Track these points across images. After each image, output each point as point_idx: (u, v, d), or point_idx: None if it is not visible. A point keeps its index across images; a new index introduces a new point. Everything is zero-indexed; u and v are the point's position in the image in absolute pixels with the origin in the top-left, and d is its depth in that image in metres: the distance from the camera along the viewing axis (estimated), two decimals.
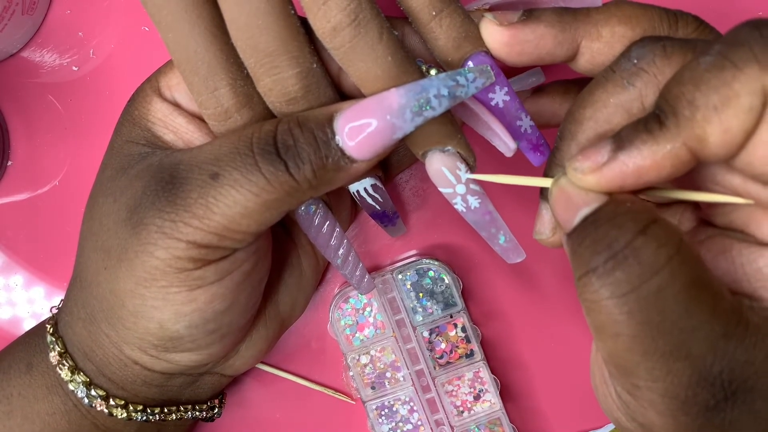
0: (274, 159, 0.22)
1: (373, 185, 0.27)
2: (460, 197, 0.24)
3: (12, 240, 0.37)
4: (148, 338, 0.25)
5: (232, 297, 0.26)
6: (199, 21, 0.23)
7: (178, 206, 0.23)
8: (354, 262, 0.28)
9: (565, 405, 0.36)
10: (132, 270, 0.24)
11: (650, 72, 0.20)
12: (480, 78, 0.22)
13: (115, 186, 0.25)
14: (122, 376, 0.27)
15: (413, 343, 0.35)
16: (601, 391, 0.22)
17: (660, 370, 0.18)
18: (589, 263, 0.19)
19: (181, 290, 0.24)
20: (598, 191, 0.20)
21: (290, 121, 0.23)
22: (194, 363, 0.27)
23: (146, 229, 0.23)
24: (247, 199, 0.22)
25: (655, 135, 0.19)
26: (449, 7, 0.23)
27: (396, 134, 0.22)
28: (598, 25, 0.23)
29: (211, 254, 0.24)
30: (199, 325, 0.25)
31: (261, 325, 0.30)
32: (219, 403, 0.32)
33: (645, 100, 0.21)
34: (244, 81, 0.24)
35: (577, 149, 0.22)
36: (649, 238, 0.18)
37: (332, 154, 0.22)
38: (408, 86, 0.22)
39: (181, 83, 0.26)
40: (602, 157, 0.19)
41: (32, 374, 0.28)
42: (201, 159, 0.23)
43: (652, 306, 0.18)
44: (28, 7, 0.34)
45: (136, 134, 0.26)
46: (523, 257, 0.26)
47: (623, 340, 0.19)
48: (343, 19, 0.21)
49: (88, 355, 0.27)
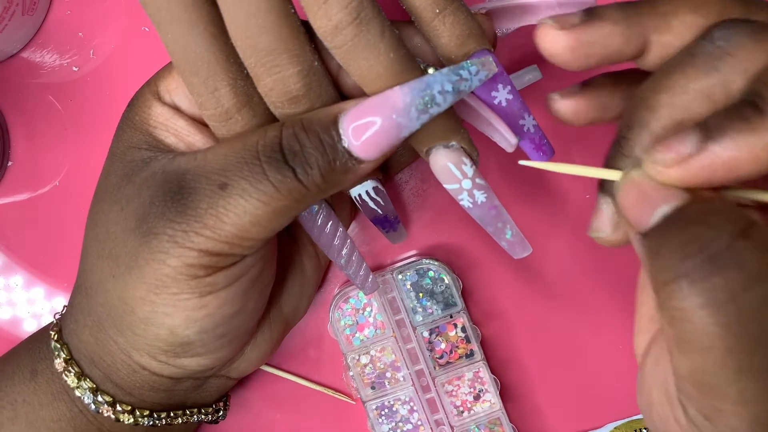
0: (282, 166, 0.22)
1: (375, 188, 0.27)
2: (466, 192, 0.24)
3: (12, 240, 0.37)
4: (158, 344, 0.25)
5: (241, 301, 0.26)
6: (198, 21, 0.22)
7: (188, 216, 0.23)
8: (358, 261, 0.28)
9: (565, 405, 0.36)
10: (142, 278, 0.24)
11: (738, 56, 0.19)
12: (483, 70, 0.22)
13: (121, 194, 0.25)
14: (130, 381, 0.27)
15: (413, 343, 0.35)
16: (659, 412, 0.21)
17: (754, 391, 0.17)
18: (678, 268, 0.17)
19: (192, 297, 0.24)
20: (680, 186, 0.18)
21: (295, 125, 0.23)
22: (203, 367, 0.27)
23: (157, 239, 0.23)
24: (257, 208, 0.22)
25: (753, 123, 0.17)
26: (452, 5, 0.23)
27: (402, 133, 0.22)
28: (667, 16, 0.21)
29: (221, 261, 0.24)
30: (210, 330, 0.25)
31: (266, 327, 0.30)
32: (224, 406, 0.32)
33: (730, 86, 0.19)
34: (244, 81, 0.23)
35: (650, 139, 0.20)
36: (753, 242, 0.17)
37: (339, 157, 0.22)
38: (412, 84, 0.21)
39: (180, 87, 0.26)
40: (688, 148, 0.18)
41: (37, 381, 0.28)
42: (208, 169, 0.23)
43: (755, 318, 0.16)
44: (29, 8, 0.34)
45: (138, 139, 0.26)
46: (529, 251, 0.25)
47: (715, 354, 0.17)
48: (344, 17, 0.21)
49: (95, 362, 0.27)
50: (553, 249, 0.36)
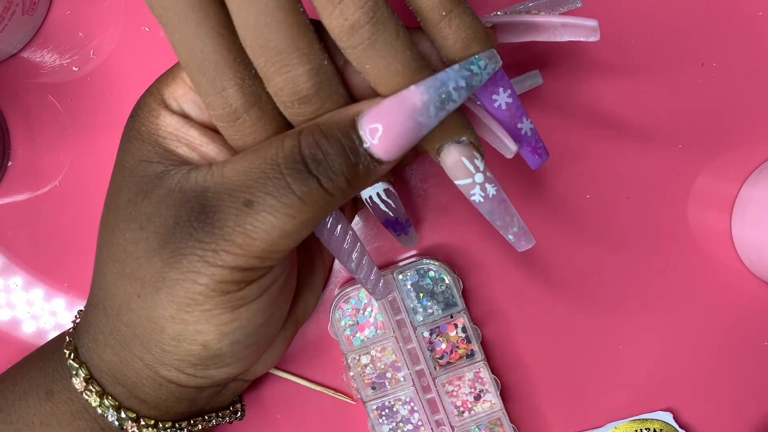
0: (306, 177, 0.22)
1: (386, 190, 0.27)
2: (479, 186, 0.24)
3: (12, 241, 0.36)
4: (189, 359, 0.25)
5: (271, 309, 0.26)
6: (206, 21, 0.22)
7: (216, 236, 0.23)
8: (368, 266, 0.28)
9: (565, 405, 0.36)
10: (172, 297, 0.23)
11: None
12: (490, 64, 0.22)
13: (137, 211, 0.24)
14: (155, 395, 0.27)
15: (414, 344, 0.35)
16: None
17: None
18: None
19: (224, 311, 0.24)
20: None
21: (314, 132, 0.22)
22: (229, 375, 0.27)
23: (186, 259, 0.23)
24: (285, 222, 0.22)
25: None
26: (458, 8, 0.23)
27: (422, 131, 0.22)
28: None
29: (252, 275, 0.24)
30: (242, 341, 0.25)
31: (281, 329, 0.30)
32: (241, 408, 0.32)
33: None
34: (252, 81, 0.23)
35: None
36: None
37: (362, 161, 0.22)
38: (426, 82, 0.22)
39: (187, 93, 0.25)
40: None
41: (54, 401, 0.27)
42: (228, 186, 0.23)
43: None
44: (29, 8, 0.34)
45: (148, 151, 0.25)
46: (533, 243, 0.26)
47: None
48: (361, 17, 0.21)
49: (119, 380, 0.26)
50: (553, 249, 0.36)
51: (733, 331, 0.36)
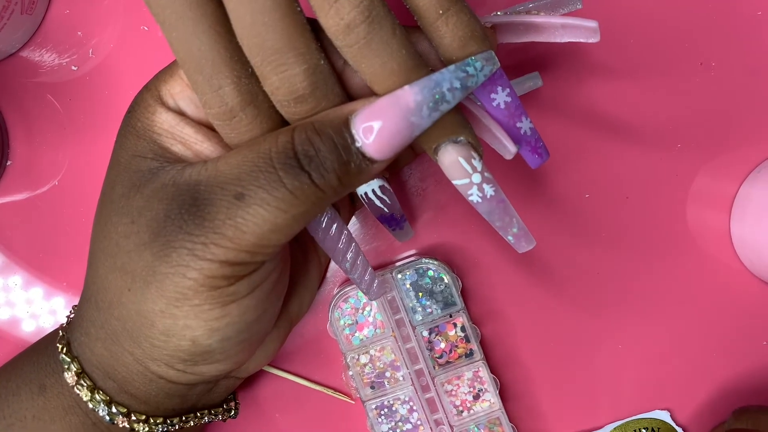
0: (298, 172, 0.22)
1: (381, 186, 0.27)
2: (476, 187, 0.24)
3: (11, 240, 0.36)
4: (179, 354, 0.25)
5: (263, 307, 0.26)
6: (203, 19, 0.22)
7: (206, 228, 0.23)
8: (363, 265, 0.28)
9: (565, 405, 0.36)
10: (162, 291, 0.23)
11: None
12: (487, 65, 0.22)
13: (129, 205, 0.24)
14: (146, 391, 0.27)
15: (413, 343, 0.35)
16: None
17: None
18: None
19: (214, 307, 0.24)
20: None
21: (307, 129, 0.22)
22: (220, 372, 0.27)
23: (176, 252, 0.23)
24: (276, 216, 0.22)
25: None
26: (456, 6, 0.23)
27: (415, 132, 0.22)
28: None
29: (242, 270, 0.24)
30: (232, 338, 0.25)
31: (274, 327, 0.30)
32: (235, 405, 0.32)
33: None
34: (248, 79, 0.23)
35: None
36: None
37: (354, 159, 0.22)
38: (421, 83, 0.22)
39: (184, 90, 0.25)
40: None
41: (46, 396, 0.27)
42: (221, 179, 0.23)
43: None
44: (27, 7, 0.34)
45: (143, 147, 0.25)
46: (533, 245, 0.26)
47: None
48: (357, 16, 0.21)
49: (110, 374, 0.27)
50: (552, 248, 0.36)
51: (731, 330, 0.36)
